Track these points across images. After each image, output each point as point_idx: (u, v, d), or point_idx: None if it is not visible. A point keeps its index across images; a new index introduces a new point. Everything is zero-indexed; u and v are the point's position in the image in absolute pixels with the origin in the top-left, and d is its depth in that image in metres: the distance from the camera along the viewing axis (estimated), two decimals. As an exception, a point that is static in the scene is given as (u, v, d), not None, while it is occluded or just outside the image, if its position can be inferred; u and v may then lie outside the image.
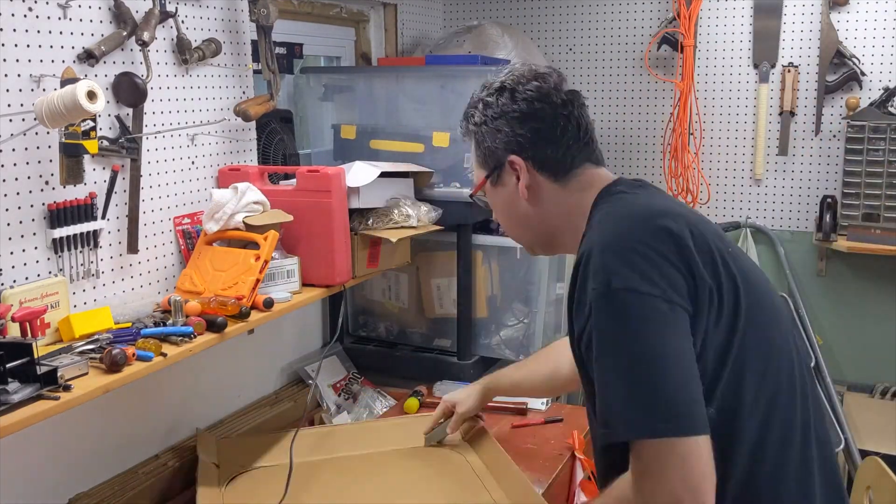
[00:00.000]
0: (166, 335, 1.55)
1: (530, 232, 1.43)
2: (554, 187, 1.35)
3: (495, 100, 1.36)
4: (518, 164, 1.35)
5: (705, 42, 3.15)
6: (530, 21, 3.37)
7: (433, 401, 2.31)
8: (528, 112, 1.34)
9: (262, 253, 1.75)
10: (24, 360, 1.30)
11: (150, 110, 1.78)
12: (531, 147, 1.34)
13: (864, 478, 1.97)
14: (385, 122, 2.47)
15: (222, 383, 2.16)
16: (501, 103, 1.35)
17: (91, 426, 1.75)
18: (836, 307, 3.13)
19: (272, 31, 2.00)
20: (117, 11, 1.68)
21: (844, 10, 2.96)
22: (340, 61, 2.88)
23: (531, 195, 1.36)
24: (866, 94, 2.97)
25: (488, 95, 1.37)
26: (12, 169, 1.49)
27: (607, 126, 3.32)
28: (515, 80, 1.36)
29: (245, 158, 2.09)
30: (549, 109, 1.33)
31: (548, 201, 1.36)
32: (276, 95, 2.05)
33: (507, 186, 1.38)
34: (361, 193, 2.00)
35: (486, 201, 1.46)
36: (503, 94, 1.35)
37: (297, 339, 2.50)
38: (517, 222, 1.42)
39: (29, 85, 1.51)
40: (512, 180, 1.37)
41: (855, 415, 2.97)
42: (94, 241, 1.65)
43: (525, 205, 1.37)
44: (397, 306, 2.58)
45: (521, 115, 1.34)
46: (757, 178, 3.16)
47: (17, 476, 1.60)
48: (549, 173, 1.35)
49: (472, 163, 1.45)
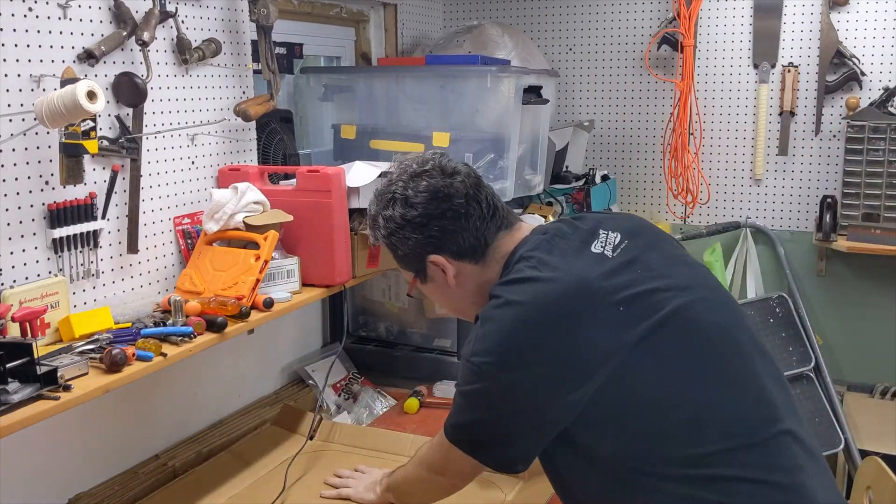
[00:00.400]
0: (166, 335, 1.55)
1: (467, 308, 1.48)
2: (476, 268, 1.40)
3: (392, 212, 1.39)
4: (439, 262, 1.40)
5: (705, 42, 3.14)
6: (530, 21, 3.37)
7: (433, 401, 2.32)
8: (427, 214, 1.37)
9: (262, 253, 1.75)
10: (24, 360, 1.30)
11: (150, 110, 1.78)
12: (445, 243, 1.38)
13: (864, 478, 1.97)
14: (385, 122, 2.47)
15: (222, 383, 2.15)
16: (399, 214, 1.39)
17: (91, 426, 1.75)
18: (836, 307, 3.13)
19: (272, 31, 2.01)
20: (117, 11, 1.68)
21: (844, 10, 2.96)
22: (340, 61, 2.88)
23: (459, 281, 1.41)
24: (866, 94, 2.97)
25: (384, 209, 1.41)
26: (12, 169, 1.49)
27: (607, 126, 3.32)
28: (404, 187, 1.38)
29: (245, 158, 2.09)
30: (447, 204, 1.37)
31: (475, 281, 1.41)
32: (276, 95, 2.05)
33: (435, 280, 1.44)
34: (361, 193, 2.00)
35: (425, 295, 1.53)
36: (397, 205, 1.39)
37: (297, 339, 2.50)
38: (456, 305, 1.50)
39: (29, 85, 1.51)
40: (439, 274, 1.42)
41: (855, 415, 2.96)
42: (94, 241, 1.65)
43: (457, 290, 1.43)
44: (397, 306, 2.58)
45: (422, 218, 1.37)
46: (757, 178, 3.16)
47: (17, 476, 1.60)
48: (468, 259, 1.39)
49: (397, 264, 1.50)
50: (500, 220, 1.40)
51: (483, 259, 1.39)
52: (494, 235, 1.39)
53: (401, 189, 1.38)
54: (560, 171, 2.99)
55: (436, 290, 1.47)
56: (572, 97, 3.33)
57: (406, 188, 1.38)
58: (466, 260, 1.39)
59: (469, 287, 1.42)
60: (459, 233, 1.37)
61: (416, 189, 1.37)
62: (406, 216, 1.38)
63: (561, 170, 3.00)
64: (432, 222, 1.37)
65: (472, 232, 1.37)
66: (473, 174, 1.41)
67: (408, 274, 1.48)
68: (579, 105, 3.33)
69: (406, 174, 1.40)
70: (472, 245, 1.38)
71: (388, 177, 1.44)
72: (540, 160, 2.60)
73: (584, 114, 3.32)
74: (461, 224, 1.37)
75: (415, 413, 2.27)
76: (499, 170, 2.32)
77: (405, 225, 1.38)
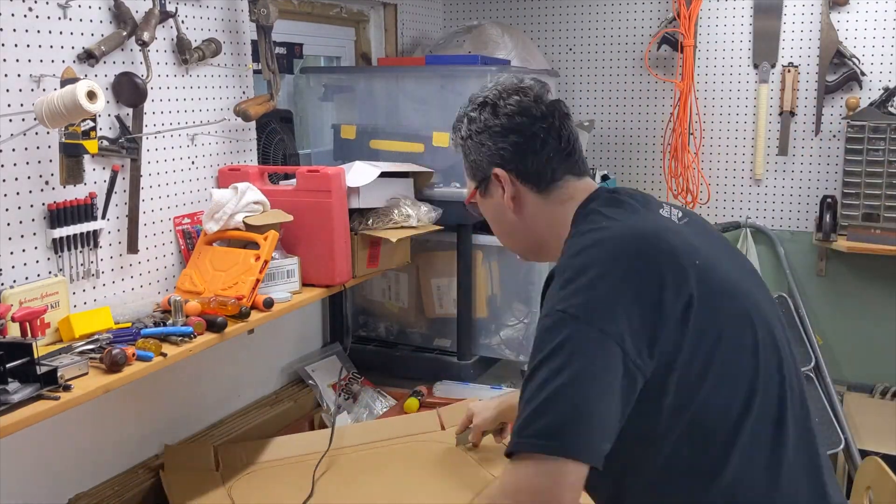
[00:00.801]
0: (166, 335, 1.55)
1: (519, 240, 1.47)
2: (537, 199, 1.39)
3: (478, 115, 1.41)
4: (502, 177, 1.39)
5: (705, 42, 3.14)
6: (530, 21, 3.37)
7: (433, 401, 2.31)
8: (508, 126, 1.38)
9: (262, 253, 1.75)
10: (24, 360, 1.30)
11: (150, 110, 1.78)
12: (513, 160, 1.38)
13: (864, 478, 1.97)
14: (385, 122, 2.47)
15: (222, 383, 2.15)
16: (484, 118, 1.40)
17: (91, 426, 1.75)
18: (836, 307, 3.13)
19: (272, 31, 2.01)
20: (117, 11, 1.68)
21: (844, 10, 2.96)
22: (340, 61, 2.88)
23: (516, 206, 1.40)
24: (866, 94, 2.97)
25: (472, 111, 1.43)
26: (12, 169, 1.49)
27: (607, 126, 3.32)
28: (497, 95, 1.40)
29: (245, 158, 2.09)
30: (529, 123, 1.37)
31: (531, 212, 1.40)
32: (276, 95, 2.05)
33: (494, 197, 1.43)
34: (361, 193, 2.00)
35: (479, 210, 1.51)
36: (485, 110, 1.40)
37: (297, 339, 2.50)
38: (506, 231, 1.48)
39: (29, 85, 1.51)
40: (498, 191, 1.41)
41: (855, 415, 2.96)
42: (94, 241, 1.65)
43: (511, 215, 1.42)
44: (397, 306, 2.58)
45: (502, 129, 1.38)
46: (757, 178, 3.16)
47: (17, 476, 1.60)
48: (531, 185, 1.39)
49: (465, 173, 1.50)
50: (573, 164, 1.40)
51: (546, 192, 1.38)
52: (563, 175, 1.38)
53: (493, 97, 1.40)
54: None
55: (490, 209, 1.46)
56: (572, 97, 3.33)
57: (499, 97, 1.40)
58: (529, 185, 1.38)
59: (525, 215, 1.41)
60: (530, 156, 1.37)
61: (506, 101, 1.39)
62: (488, 122, 1.39)
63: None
64: (509, 136, 1.37)
65: (542, 160, 1.37)
66: (564, 111, 1.42)
67: (471, 184, 1.47)
68: (579, 105, 3.33)
69: (504, 87, 1.42)
70: (538, 172, 1.38)
71: (494, 80, 1.45)
72: (540, 160, 2.59)
73: (585, 114, 3.32)
74: (534, 148, 1.37)
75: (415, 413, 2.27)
76: (499, 170, 2.31)
77: (484, 131, 1.39)
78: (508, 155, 1.38)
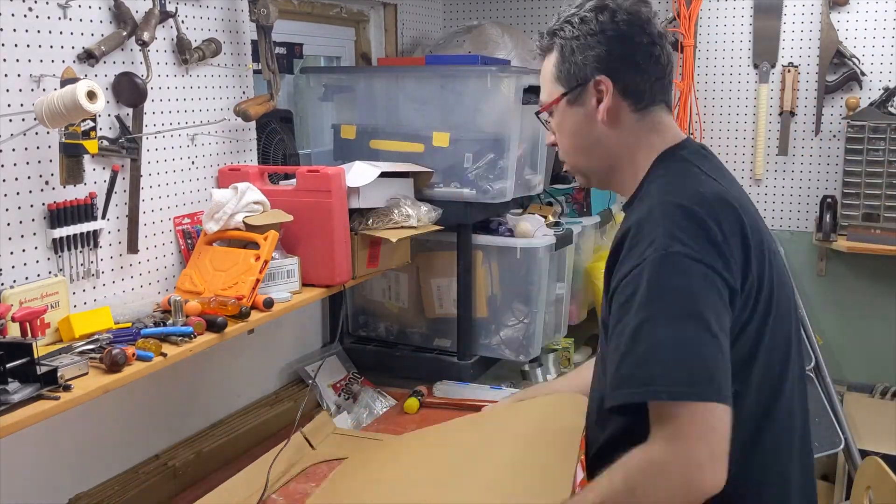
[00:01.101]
0: (166, 335, 1.55)
1: (594, 159, 1.38)
2: (632, 117, 1.33)
3: (594, 16, 1.32)
4: (605, 85, 1.31)
5: (705, 42, 3.14)
6: (530, 21, 3.37)
7: (433, 401, 2.32)
8: (625, 34, 1.31)
9: (262, 253, 1.75)
10: (24, 360, 1.30)
11: (150, 110, 1.78)
12: (620, 70, 1.31)
13: (864, 478, 1.97)
14: (385, 122, 2.47)
15: (222, 383, 2.15)
16: (601, 21, 1.31)
17: (91, 426, 1.75)
18: (836, 307, 3.13)
19: (272, 31, 2.01)
20: (117, 11, 1.68)
21: (844, 10, 2.96)
22: (340, 61, 2.88)
23: (610, 119, 1.32)
24: (866, 94, 2.97)
25: (587, 11, 1.33)
26: (12, 169, 1.49)
27: (607, 126, 3.32)
28: (616, 3, 1.32)
29: (245, 158, 2.09)
30: (645, 38, 1.31)
31: (622, 129, 1.33)
32: (276, 95, 2.05)
33: (584, 107, 1.33)
34: (361, 193, 2.00)
35: (550, 121, 1.41)
36: (603, 13, 1.31)
37: (297, 339, 2.50)
38: (583, 147, 1.38)
39: (29, 85, 1.51)
40: (591, 101, 1.33)
41: (855, 415, 2.96)
42: (94, 241, 1.65)
43: (599, 129, 1.33)
44: (397, 306, 2.58)
45: (618, 36, 1.31)
46: (757, 178, 3.16)
47: (17, 476, 1.60)
48: (631, 100, 1.32)
49: (545, 78, 1.39)
50: (668, 94, 1.36)
51: (642, 112, 1.32)
52: (659, 101, 1.34)
53: (612, 3, 1.32)
54: (560, 171, 2.98)
55: (573, 119, 1.35)
56: (572, 97, 3.33)
57: (617, 5, 1.32)
58: (629, 100, 1.32)
59: (613, 132, 1.32)
60: (638, 72, 1.31)
61: (627, 9, 1.31)
62: (604, 26, 1.30)
63: (561, 170, 2.98)
64: (623, 44, 1.31)
65: (649, 80, 1.32)
66: (671, 39, 1.39)
67: (556, 90, 1.36)
68: (579, 105, 3.33)
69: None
70: (642, 91, 1.32)
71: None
72: (540, 160, 2.60)
73: (584, 114, 3.32)
74: (643, 65, 1.31)
75: (415, 413, 2.27)
76: (499, 170, 2.32)
77: (597, 34, 1.31)
78: (616, 64, 1.31)
